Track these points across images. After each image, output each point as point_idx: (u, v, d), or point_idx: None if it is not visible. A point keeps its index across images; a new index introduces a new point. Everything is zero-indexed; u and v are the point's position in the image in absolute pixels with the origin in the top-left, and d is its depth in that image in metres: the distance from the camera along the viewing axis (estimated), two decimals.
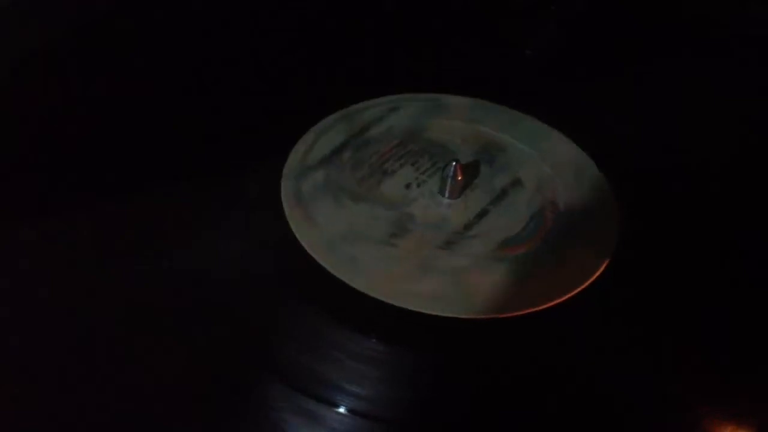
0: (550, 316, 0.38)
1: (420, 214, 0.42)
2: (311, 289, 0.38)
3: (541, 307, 0.38)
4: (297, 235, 0.40)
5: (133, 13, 0.52)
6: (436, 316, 0.37)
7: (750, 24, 0.57)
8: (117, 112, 0.46)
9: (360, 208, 0.42)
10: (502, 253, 0.40)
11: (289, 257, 0.40)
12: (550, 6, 0.58)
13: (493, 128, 0.47)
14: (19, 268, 0.38)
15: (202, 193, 0.42)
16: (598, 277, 0.39)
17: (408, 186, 0.43)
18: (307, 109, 0.47)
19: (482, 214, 0.42)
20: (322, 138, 0.45)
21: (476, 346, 0.37)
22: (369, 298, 0.38)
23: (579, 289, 0.39)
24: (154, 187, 0.42)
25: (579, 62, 0.54)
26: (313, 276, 0.38)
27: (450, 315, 0.37)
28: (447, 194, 0.43)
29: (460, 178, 0.42)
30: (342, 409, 0.34)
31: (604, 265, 0.40)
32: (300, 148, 0.45)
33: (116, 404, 0.33)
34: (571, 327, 0.38)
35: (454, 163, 0.42)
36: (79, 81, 0.48)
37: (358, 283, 0.38)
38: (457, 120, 0.48)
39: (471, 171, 0.44)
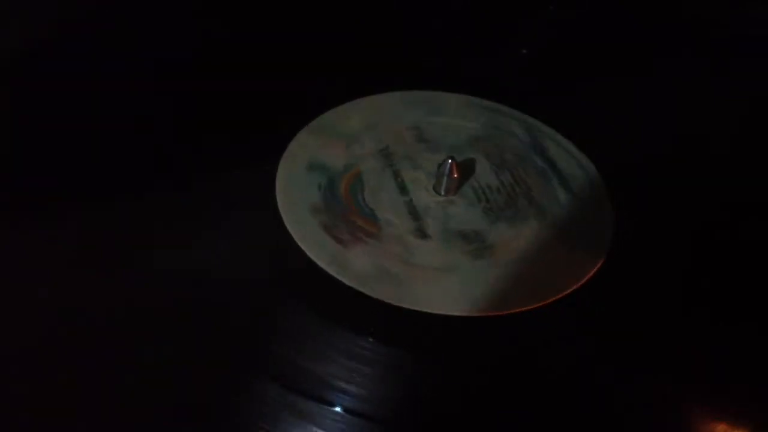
0: (546, 315, 0.38)
1: (418, 209, 0.42)
2: (310, 289, 0.39)
3: (536, 306, 0.38)
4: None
5: (133, 13, 0.52)
6: (432, 314, 0.37)
7: (750, 24, 0.57)
8: (116, 111, 0.46)
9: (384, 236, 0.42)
10: (497, 251, 0.40)
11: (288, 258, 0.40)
12: (548, 6, 0.58)
13: (486, 125, 0.47)
14: (19, 268, 0.38)
15: (201, 192, 0.42)
16: (593, 276, 0.39)
17: (406, 200, 0.43)
18: (307, 108, 0.47)
19: (477, 212, 0.42)
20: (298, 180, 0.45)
21: (471, 344, 0.37)
22: (364, 297, 0.38)
23: (574, 288, 0.39)
24: (152, 187, 0.42)
25: (577, 62, 0.54)
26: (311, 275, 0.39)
27: (445, 313, 0.37)
28: (443, 191, 0.43)
29: (455, 175, 0.42)
30: (338, 409, 0.34)
31: (599, 264, 0.40)
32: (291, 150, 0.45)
33: (116, 404, 0.33)
34: (566, 326, 0.38)
35: (449, 161, 0.42)
36: (78, 81, 0.47)
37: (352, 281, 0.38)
38: (445, 117, 0.48)
39: (466, 168, 0.44)
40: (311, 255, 0.39)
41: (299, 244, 0.40)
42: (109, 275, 0.38)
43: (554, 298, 0.38)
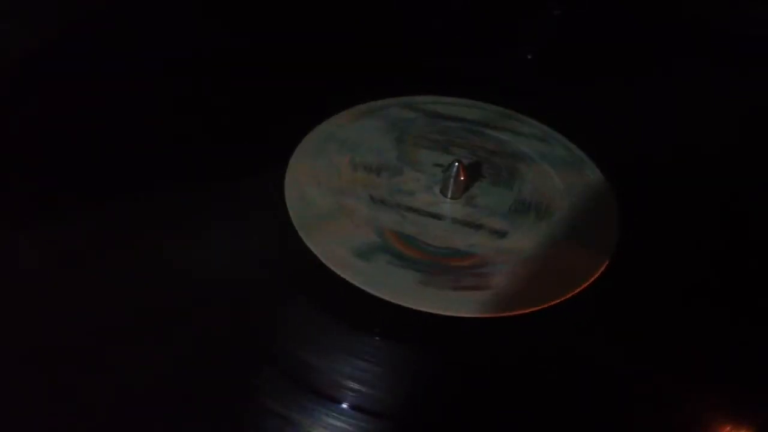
0: (551, 316, 0.38)
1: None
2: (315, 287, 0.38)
3: (541, 307, 0.38)
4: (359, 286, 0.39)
5: (133, 12, 0.52)
6: (437, 315, 0.37)
7: (750, 24, 0.57)
8: (116, 111, 0.46)
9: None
10: (502, 253, 0.40)
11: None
12: (553, 10, 0.58)
13: (492, 128, 0.47)
14: (19, 268, 0.38)
15: (203, 193, 0.42)
16: (598, 277, 0.39)
17: (417, 203, 0.43)
18: (309, 108, 0.47)
19: (484, 213, 0.42)
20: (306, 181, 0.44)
21: (474, 345, 0.37)
22: (370, 296, 0.38)
23: (579, 290, 0.39)
24: (159, 187, 0.42)
25: (577, 62, 0.54)
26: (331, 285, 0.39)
27: (451, 314, 0.37)
28: (449, 194, 0.43)
29: (462, 178, 0.42)
30: (345, 406, 0.34)
31: (604, 266, 0.40)
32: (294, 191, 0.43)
33: (119, 403, 0.33)
34: (570, 327, 0.38)
35: (456, 164, 0.42)
36: (80, 81, 0.47)
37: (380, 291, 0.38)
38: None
39: (473, 171, 0.44)
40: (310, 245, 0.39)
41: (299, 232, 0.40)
42: (112, 274, 0.38)
43: (559, 300, 0.38)
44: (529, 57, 0.54)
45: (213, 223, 0.41)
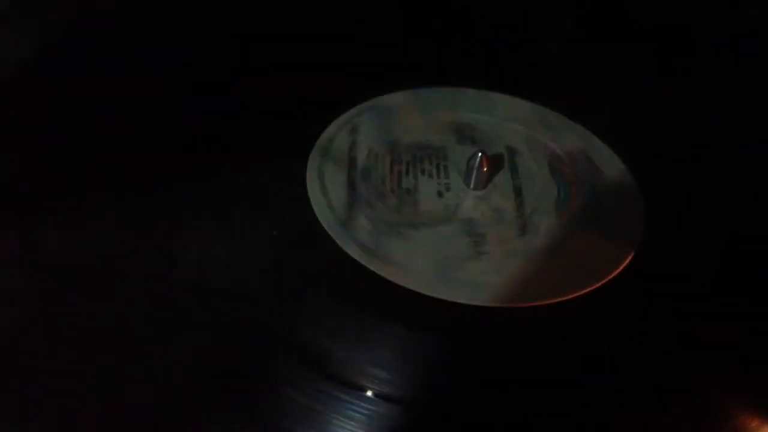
0: (573, 308, 0.38)
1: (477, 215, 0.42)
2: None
3: (564, 298, 0.38)
4: (392, 280, 0.38)
5: (133, 12, 0.52)
6: (458, 304, 0.37)
7: (750, 24, 0.58)
8: (118, 111, 0.46)
9: (426, 233, 0.41)
10: (525, 243, 0.40)
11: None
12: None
13: (500, 118, 0.48)
14: (19, 268, 0.38)
15: (200, 193, 0.43)
16: (623, 269, 0.39)
17: (440, 194, 0.43)
18: (309, 108, 0.47)
19: (507, 203, 0.42)
20: (326, 180, 0.43)
21: (493, 335, 0.37)
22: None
23: (604, 281, 0.39)
24: (162, 187, 0.42)
25: (579, 62, 0.54)
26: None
27: (471, 303, 0.37)
28: (472, 185, 0.43)
29: (485, 168, 0.42)
30: (369, 393, 0.34)
31: (629, 258, 0.40)
32: (318, 197, 0.42)
33: (134, 395, 0.33)
34: (594, 319, 0.38)
35: (479, 155, 0.42)
36: (80, 81, 0.47)
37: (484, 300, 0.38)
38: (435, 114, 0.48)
39: (495, 162, 0.44)
40: (423, 290, 0.38)
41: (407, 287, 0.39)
42: (130, 272, 0.38)
43: (583, 291, 0.38)
44: (549, 44, 0.54)
45: (240, 217, 0.41)
